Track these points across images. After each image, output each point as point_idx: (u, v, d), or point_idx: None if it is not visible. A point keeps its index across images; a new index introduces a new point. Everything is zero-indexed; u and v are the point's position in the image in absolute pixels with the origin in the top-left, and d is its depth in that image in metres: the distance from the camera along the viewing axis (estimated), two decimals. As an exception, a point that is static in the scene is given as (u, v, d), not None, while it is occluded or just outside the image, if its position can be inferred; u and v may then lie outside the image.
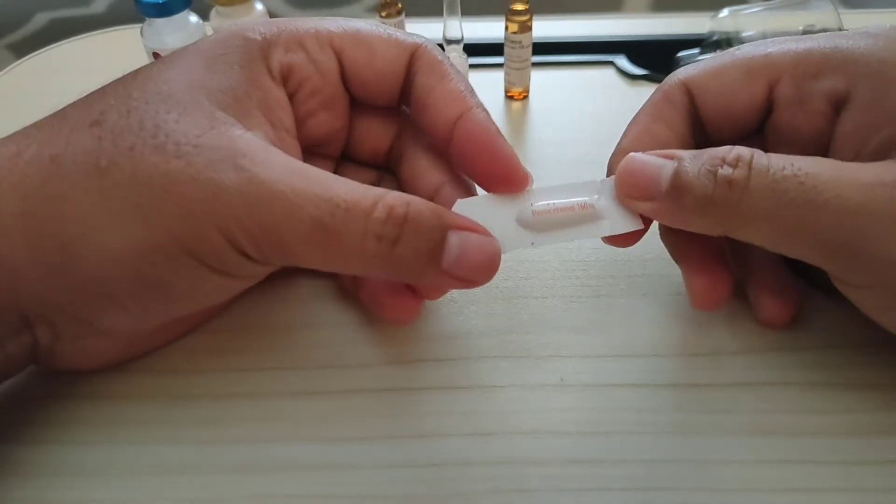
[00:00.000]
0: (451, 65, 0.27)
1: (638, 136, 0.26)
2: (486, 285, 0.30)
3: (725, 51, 0.27)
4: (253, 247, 0.22)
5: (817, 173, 0.22)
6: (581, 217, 0.25)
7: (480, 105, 0.26)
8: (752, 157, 0.22)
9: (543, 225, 0.25)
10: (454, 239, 0.23)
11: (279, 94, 0.25)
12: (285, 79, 0.26)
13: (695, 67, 0.27)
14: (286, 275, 0.30)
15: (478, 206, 0.25)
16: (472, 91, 0.26)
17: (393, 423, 0.25)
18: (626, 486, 0.23)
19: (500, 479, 0.23)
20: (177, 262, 0.22)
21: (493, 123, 0.26)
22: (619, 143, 0.27)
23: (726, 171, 0.22)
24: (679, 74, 0.27)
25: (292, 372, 0.27)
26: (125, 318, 0.23)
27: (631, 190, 0.24)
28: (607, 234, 0.25)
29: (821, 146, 0.25)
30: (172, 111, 0.22)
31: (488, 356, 0.27)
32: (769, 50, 0.26)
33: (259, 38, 0.25)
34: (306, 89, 0.26)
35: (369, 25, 0.27)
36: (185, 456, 0.24)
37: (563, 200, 0.25)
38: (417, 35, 0.27)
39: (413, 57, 0.27)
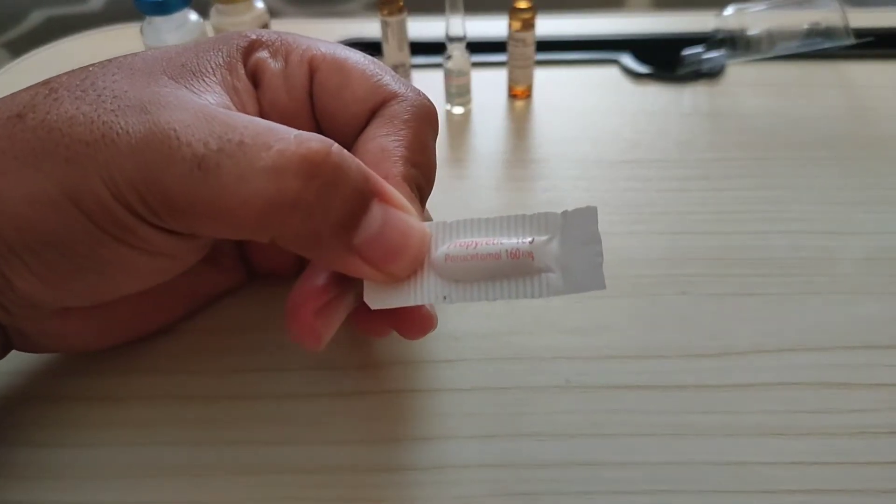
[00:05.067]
0: (419, 130, 0.23)
1: None
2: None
3: None
4: (139, 201, 0.19)
5: None
6: (509, 269, 0.19)
7: (414, 177, 0.23)
8: None
9: (460, 275, 0.20)
10: (377, 211, 0.19)
11: (250, 87, 0.24)
12: (254, 79, 0.24)
13: None
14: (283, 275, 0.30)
15: None
16: (414, 157, 0.23)
17: (394, 426, 0.25)
18: (631, 488, 0.23)
19: (504, 482, 0.23)
20: (67, 217, 0.19)
21: (411, 205, 0.21)
22: None
23: None
24: None
25: (290, 373, 0.27)
26: (39, 285, 0.21)
27: None
28: (545, 295, 0.19)
29: None
30: (118, 74, 0.21)
31: (491, 358, 0.27)
32: None
33: (254, 36, 0.25)
34: (268, 98, 0.24)
35: (363, 58, 0.25)
36: (181, 458, 0.24)
37: (489, 242, 0.19)
38: (413, 87, 0.25)
39: (383, 105, 0.24)
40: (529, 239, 0.19)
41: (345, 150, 0.20)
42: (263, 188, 0.18)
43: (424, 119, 0.24)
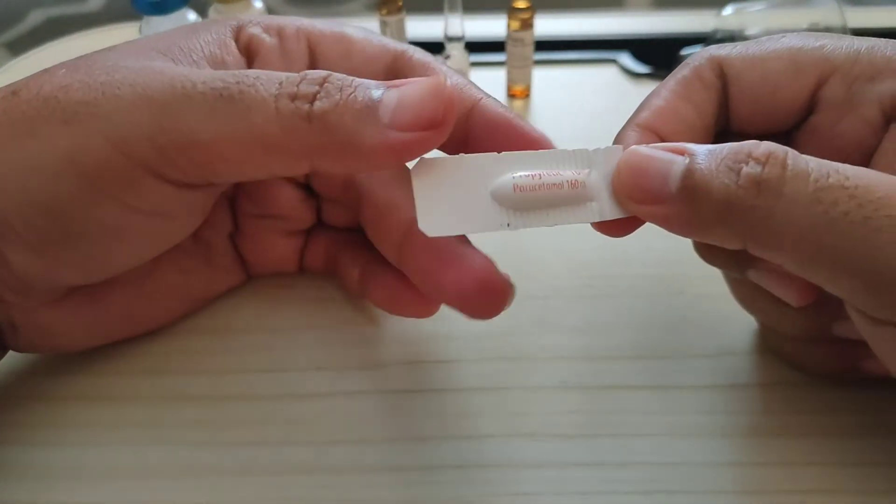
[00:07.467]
0: (443, 64, 0.25)
1: (660, 111, 0.22)
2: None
3: (767, 36, 0.24)
4: (151, 148, 0.19)
5: (869, 185, 0.18)
6: (568, 198, 0.21)
7: (488, 95, 0.24)
8: (786, 154, 0.18)
9: (524, 204, 0.21)
10: (389, 92, 0.20)
11: (242, 61, 0.24)
12: (249, 54, 0.25)
13: (731, 48, 0.23)
14: (282, 276, 0.30)
15: (443, 169, 0.20)
16: (471, 83, 0.24)
17: (390, 426, 0.25)
18: (629, 489, 0.23)
19: (500, 483, 0.23)
20: (64, 182, 0.20)
21: (507, 110, 0.23)
22: (634, 116, 0.23)
23: (753, 168, 0.18)
24: (712, 51, 0.23)
25: (288, 374, 0.27)
26: (33, 258, 0.21)
27: (633, 191, 0.20)
28: (597, 219, 0.21)
29: (861, 159, 0.22)
30: (110, 53, 0.22)
31: (488, 358, 0.27)
32: (822, 43, 0.22)
33: (243, 17, 0.25)
34: None
35: (358, 30, 0.26)
36: (180, 459, 0.24)
37: (551, 174, 0.21)
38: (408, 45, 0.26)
39: (398, 61, 0.25)
40: (579, 170, 0.21)
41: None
42: (288, 108, 0.19)
43: (431, 56, 0.25)
